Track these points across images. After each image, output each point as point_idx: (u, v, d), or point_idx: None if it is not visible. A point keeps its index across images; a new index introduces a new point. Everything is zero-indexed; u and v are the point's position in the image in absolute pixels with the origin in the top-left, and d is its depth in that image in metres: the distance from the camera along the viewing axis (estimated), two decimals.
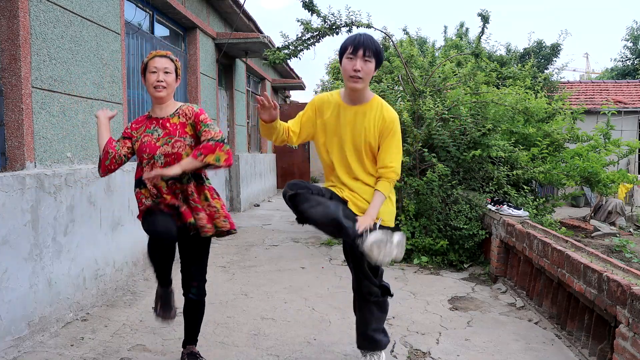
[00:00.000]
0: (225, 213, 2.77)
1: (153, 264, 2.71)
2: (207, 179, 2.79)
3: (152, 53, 2.71)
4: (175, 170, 2.51)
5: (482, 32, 6.62)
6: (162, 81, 2.65)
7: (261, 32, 9.12)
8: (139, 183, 2.71)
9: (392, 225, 2.72)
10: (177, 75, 2.75)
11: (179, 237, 2.66)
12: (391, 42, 6.98)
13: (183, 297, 2.86)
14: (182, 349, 2.99)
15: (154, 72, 2.65)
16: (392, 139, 2.62)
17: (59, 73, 3.77)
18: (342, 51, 2.58)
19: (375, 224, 2.49)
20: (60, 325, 3.54)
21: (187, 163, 2.54)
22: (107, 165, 2.71)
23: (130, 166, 4.19)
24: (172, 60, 2.71)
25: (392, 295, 2.89)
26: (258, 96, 2.52)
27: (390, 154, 2.62)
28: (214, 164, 2.55)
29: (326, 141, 2.71)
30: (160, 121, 2.69)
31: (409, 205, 5.64)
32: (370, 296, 2.78)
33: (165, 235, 2.53)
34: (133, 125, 2.77)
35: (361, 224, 2.43)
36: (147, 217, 2.64)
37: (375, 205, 2.56)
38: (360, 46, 2.49)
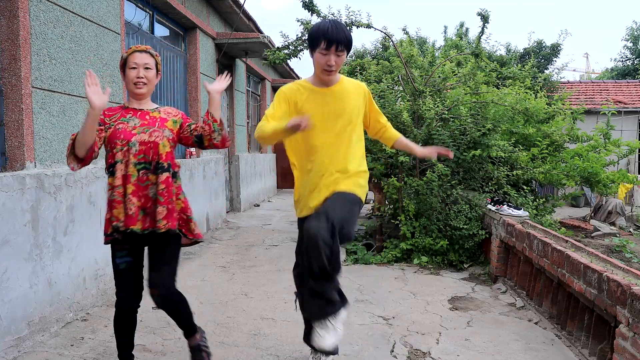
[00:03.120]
0: (188, 215, 2.67)
1: (116, 334, 2.73)
2: (179, 178, 2.72)
3: (132, 48, 2.61)
4: (218, 106, 2.60)
5: (482, 32, 6.61)
6: (142, 77, 2.56)
7: (261, 32, 9.12)
8: (109, 170, 2.58)
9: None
10: (157, 70, 2.66)
11: (147, 241, 2.62)
12: (391, 42, 6.98)
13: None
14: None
15: (134, 67, 2.56)
16: (373, 103, 2.86)
17: (59, 73, 3.77)
18: (314, 43, 2.54)
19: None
20: (60, 325, 3.54)
21: (218, 106, 2.61)
22: (88, 162, 2.56)
23: None
24: (152, 55, 2.62)
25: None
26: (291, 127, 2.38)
27: (381, 114, 2.90)
28: (222, 129, 2.61)
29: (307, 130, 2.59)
30: (139, 112, 2.60)
31: (409, 205, 5.64)
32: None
33: (129, 307, 2.67)
34: (106, 112, 2.59)
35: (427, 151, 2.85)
36: (116, 270, 2.65)
37: (410, 144, 2.95)
38: (333, 42, 2.48)
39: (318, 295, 2.43)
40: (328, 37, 2.48)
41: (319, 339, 2.42)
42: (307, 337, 2.94)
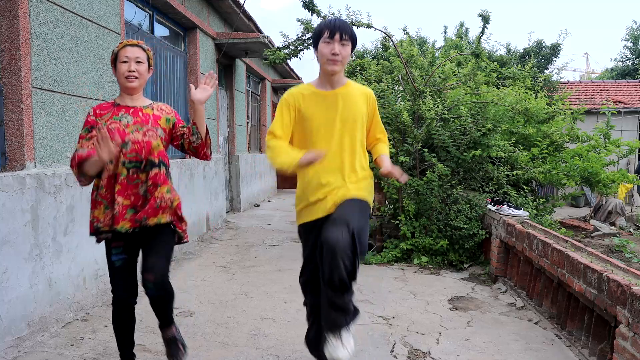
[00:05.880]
0: (180, 215, 2.64)
1: (115, 332, 2.69)
2: (170, 174, 2.68)
3: (123, 42, 2.58)
4: (202, 116, 2.59)
5: (482, 32, 6.61)
6: (134, 71, 2.53)
7: (261, 32, 9.12)
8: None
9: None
10: (149, 65, 2.63)
11: (141, 237, 2.58)
12: (391, 42, 6.98)
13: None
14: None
15: (125, 61, 2.53)
16: (377, 113, 2.81)
17: (59, 73, 3.77)
18: (317, 36, 2.56)
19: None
20: (60, 325, 3.54)
21: (203, 116, 2.59)
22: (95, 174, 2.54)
23: None
24: (143, 49, 2.59)
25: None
26: None
27: (381, 125, 2.84)
28: (208, 141, 2.62)
29: (310, 134, 2.58)
30: (131, 110, 2.57)
31: (409, 205, 5.64)
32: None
33: (126, 304, 2.62)
34: (97, 112, 2.56)
35: (389, 169, 2.59)
36: (112, 267, 2.59)
37: (388, 160, 2.72)
38: (336, 30, 2.49)
39: (336, 306, 2.39)
40: (331, 26, 2.51)
41: (333, 349, 2.37)
42: (310, 342, 2.89)
